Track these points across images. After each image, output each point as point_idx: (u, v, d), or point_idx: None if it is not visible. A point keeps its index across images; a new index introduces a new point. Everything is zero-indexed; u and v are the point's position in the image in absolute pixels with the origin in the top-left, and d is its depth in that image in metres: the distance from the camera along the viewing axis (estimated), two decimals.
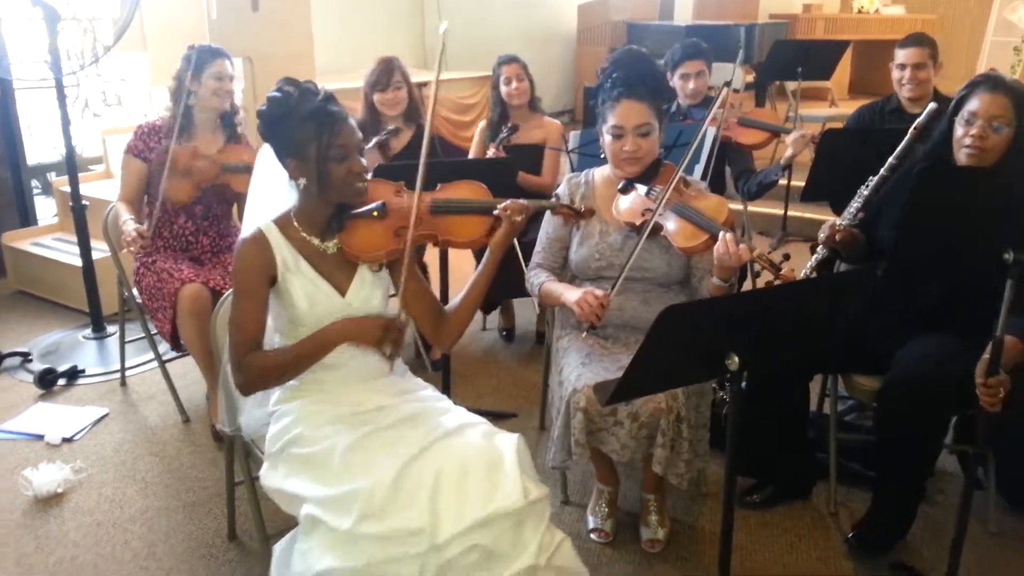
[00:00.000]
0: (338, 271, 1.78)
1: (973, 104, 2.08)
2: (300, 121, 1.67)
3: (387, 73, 3.22)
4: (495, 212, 1.83)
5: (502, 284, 2.03)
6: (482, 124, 3.66)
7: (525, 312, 3.81)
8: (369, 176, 1.81)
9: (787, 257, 1.86)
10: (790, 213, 4.90)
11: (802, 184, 3.08)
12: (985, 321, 1.79)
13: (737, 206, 3.72)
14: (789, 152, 3.00)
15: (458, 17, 6.70)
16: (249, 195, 1.92)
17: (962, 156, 2.09)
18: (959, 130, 2.10)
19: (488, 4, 6.94)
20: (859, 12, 8.03)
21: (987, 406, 1.78)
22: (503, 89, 3.50)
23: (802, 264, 2.38)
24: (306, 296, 1.74)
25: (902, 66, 3.21)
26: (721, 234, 1.93)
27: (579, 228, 2.26)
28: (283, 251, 1.74)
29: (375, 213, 1.79)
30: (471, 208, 1.87)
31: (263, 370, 1.72)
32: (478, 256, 3.12)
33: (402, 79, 3.25)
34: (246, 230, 1.79)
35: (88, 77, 4.74)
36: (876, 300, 2.17)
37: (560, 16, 7.61)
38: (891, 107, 3.33)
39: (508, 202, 1.82)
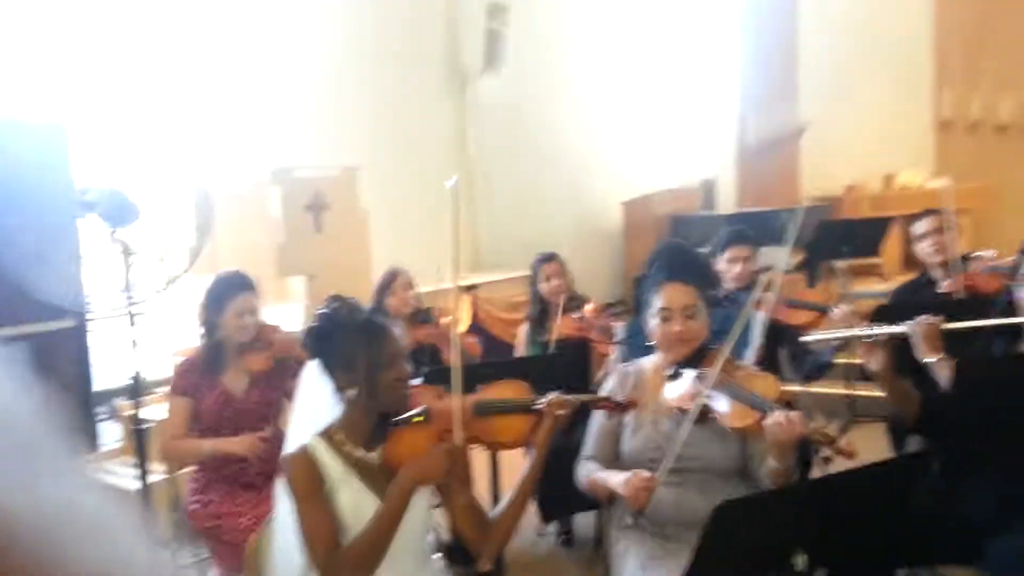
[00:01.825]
0: (384, 482, 1.77)
1: None
2: (350, 333, 1.75)
3: (391, 277, 3.42)
4: (538, 407, 1.82)
5: (561, 496, 1.98)
6: (524, 326, 3.72)
7: (585, 516, 3.65)
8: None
9: (844, 429, 1.79)
10: (857, 392, 4.72)
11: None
12: None
13: (796, 387, 3.62)
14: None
15: (508, 219, 7.04)
16: (293, 412, 1.95)
17: None
18: None
19: (536, 204, 7.29)
20: (902, 189, 8.15)
21: None
22: (543, 287, 3.59)
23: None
24: (353, 508, 1.73)
25: (923, 236, 3.29)
26: (774, 412, 1.87)
27: (628, 419, 2.22)
28: (329, 464, 1.75)
29: (419, 418, 1.80)
30: (513, 407, 1.87)
31: (355, 555, 1.68)
32: None
33: (408, 282, 3.42)
34: (290, 446, 1.82)
35: (160, 302, 5.04)
36: (961, 476, 2.03)
37: (606, 212, 7.91)
38: (924, 280, 3.39)
39: (550, 396, 1.82)
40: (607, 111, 7.91)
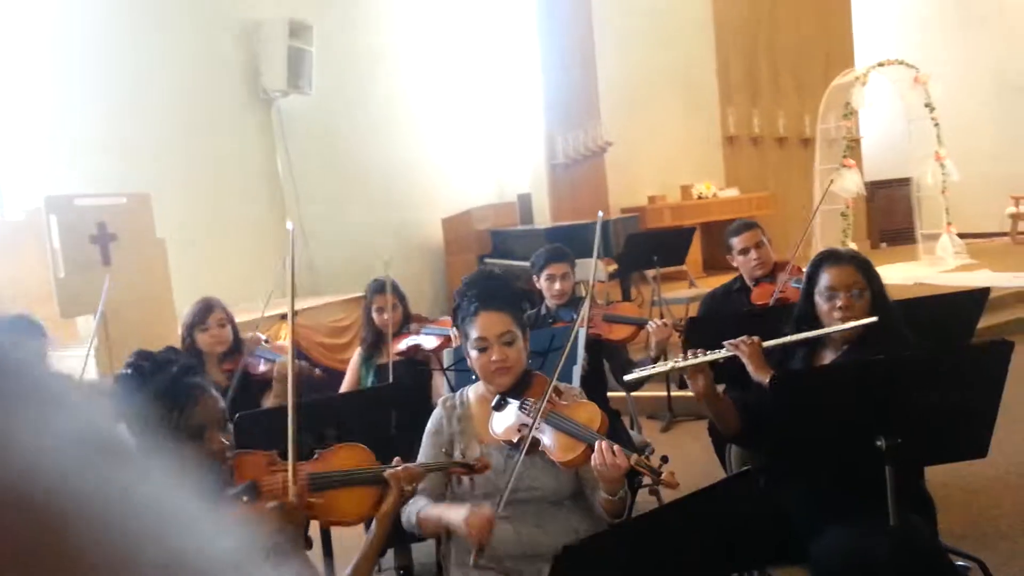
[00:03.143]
0: None
1: (826, 279, 2.21)
2: (149, 400, 1.52)
3: (205, 311, 3.15)
4: (385, 476, 1.69)
5: (397, 525, 1.87)
6: (358, 351, 3.61)
7: (425, 545, 3.54)
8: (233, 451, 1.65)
9: (665, 459, 1.84)
10: (674, 393, 4.97)
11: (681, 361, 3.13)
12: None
13: (620, 394, 3.74)
14: (654, 342, 3.10)
15: (325, 240, 6.80)
16: None
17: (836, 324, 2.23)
18: (823, 305, 2.22)
19: (354, 226, 7.11)
20: (699, 198, 8.76)
21: None
22: (375, 316, 3.48)
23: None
24: None
25: (745, 250, 3.47)
26: (596, 443, 1.87)
27: (457, 453, 2.15)
28: None
29: (243, 498, 1.59)
30: (356, 479, 1.72)
31: None
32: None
33: (224, 316, 3.18)
34: None
35: None
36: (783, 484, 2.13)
37: (426, 230, 7.87)
38: (737, 286, 3.59)
39: (398, 468, 1.70)
40: (422, 129, 7.88)
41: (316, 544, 2.64)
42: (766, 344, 2.37)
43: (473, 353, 2.13)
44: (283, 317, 5.38)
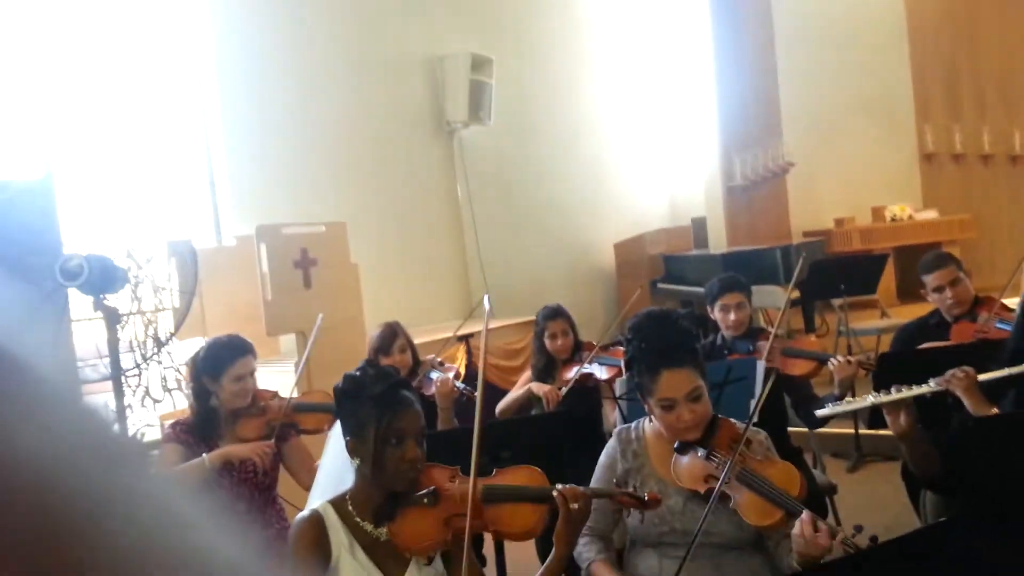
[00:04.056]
0: (391, 559, 1.72)
1: None
2: (366, 401, 1.73)
3: (390, 338, 3.32)
4: (552, 497, 1.76)
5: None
6: (527, 374, 3.68)
7: None
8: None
9: (875, 540, 1.67)
10: (862, 432, 4.65)
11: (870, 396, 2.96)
12: None
13: (802, 429, 3.57)
14: (838, 379, 2.96)
15: (500, 267, 7.01)
16: (318, 471, 1.98)
17: None
18: None
19: (528, 251, 7.28)
20: (892, 220, 8.18)
21: None
22: (548, 343, 3.55)
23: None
24: None
25: (939, 288, 3.21)
26: (800, 519, 1.76)
27: (635, 487, 2.10)
28: (339, 534, 1.71)
29: (425, 500, 1.74)
30: (525, 495, 1.80)
31: None
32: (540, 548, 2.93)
33: (405, 343, 3.34)
34: (307, 507, 1.83)
35: (149, 366, 4.95)
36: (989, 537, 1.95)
37: (598, 255, 7.91)
38: (934, 321, 3.32)
39: (565, 487, 1.75)
40: (595, 153, 7.95)
41: (490, 562, 2.72)
42: (981, 378, 2.18)
43: (657, 410, 2.03)
44: (460, 339, 5.60)
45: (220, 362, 2.72)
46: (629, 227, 7.93)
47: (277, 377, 3.76)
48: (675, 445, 2.05)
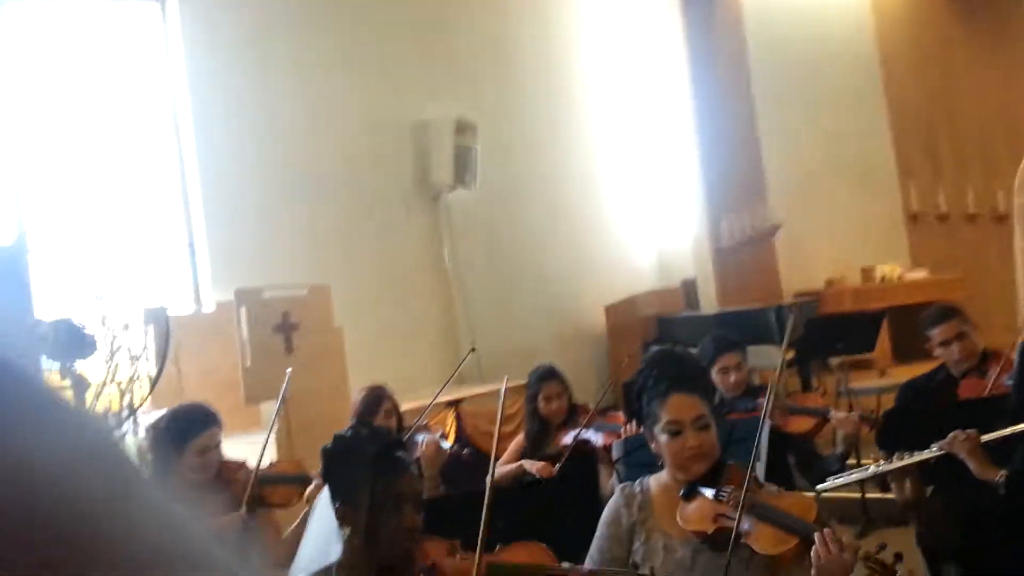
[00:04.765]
0: None
1: None
2: (360, 463, 1.59)
3: (375, 402, 3.17)
4: None
5: None
6: (520, 438, 3.52)
7: None
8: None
9: (899, 557, 1.57)
10: (869, 495, 4.47)
11: (871, 464, 2.84)
12: None
13: (808, 494, 3.41)
14: (841, 435, 2.86)
15: (488, 332, 6.88)
16: (302, 543, 1.80)
17: None
18: None
19: (517, 315, 7.17)
20: (883, 280, 8.15)
21: None
22: (541, 406, 3.40)
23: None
24: None
25: (946, 342, 3.12)
26: (818, 535, 1.66)
27: (638, 545, 1.99)
28: None
29: None
30: (527, 573, 1.66)
31: None
32: None
33: (391, 407, 3.19)
34: None
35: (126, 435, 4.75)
36: None
37: (589, 318, 7.80)
38: (941, 377, 3.21)
39: (571, 567, 1.61)
40: (583, 217, 7.93)
41: None
42: (985, 438, 2.05)
43: (663, 437, 1.98)
44: (449, 405, 5.43)
45: (184, 433, 2.56)
46: (619, 290, 7.85)
47: (256, 449, 3.58)
48: (681, 491, 1.97)
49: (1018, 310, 6.71)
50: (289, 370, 3.02)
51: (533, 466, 3.28)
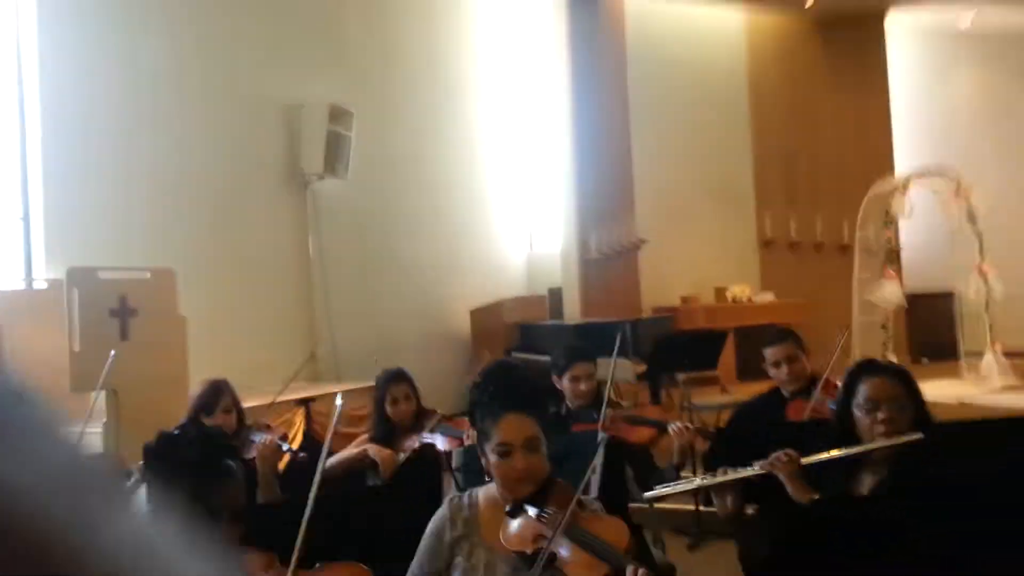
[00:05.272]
0: None
1: (865, 391, 2.07)
2: (180, 467, 1.50)
3: (214, 397, 3.03)
4: None
5: None
6: (364, 438, 3.44)
7: None
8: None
9: None
10: (702, 508, 4.67)
11: (697, 477, 2.96)
12: None
13: (644, 505, 3.52)
14: (676, 446, 2.95)
15: (349, 327, 6.73)
16: None
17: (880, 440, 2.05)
18: (864, 419, 2.08)
19: (381, 312, 7.06)
20: (733, 301, 8.60)
21: None
22: (388, 408, 3.34)
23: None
24: None
25: (777, 363, 3.30)
26: (628, 570, 1.70)
27: (460, 559, 1.99)
28: None
29: None
30: None
31: None
32: None
33: (231, 403, 3.07)
34: None
35: None
36: None
37: (454, 320, 7.79)
38: (773, 398, 3.42)
39: None
40: (455, 218, 7.91)
41: None
42: (805, 461, 2.17)
43: (493, 457, 1.99)
44: (298, 403, 5.26)
45: None
46: (487, 294, 7.88)
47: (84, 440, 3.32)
48: (507, 508, 1.98)
49: (850, 338, 7.23)
50: (112, 353, 2.83)
51: (377, 452, 3.19)
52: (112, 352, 2.81)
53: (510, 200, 8.62)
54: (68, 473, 0.32)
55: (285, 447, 2.97)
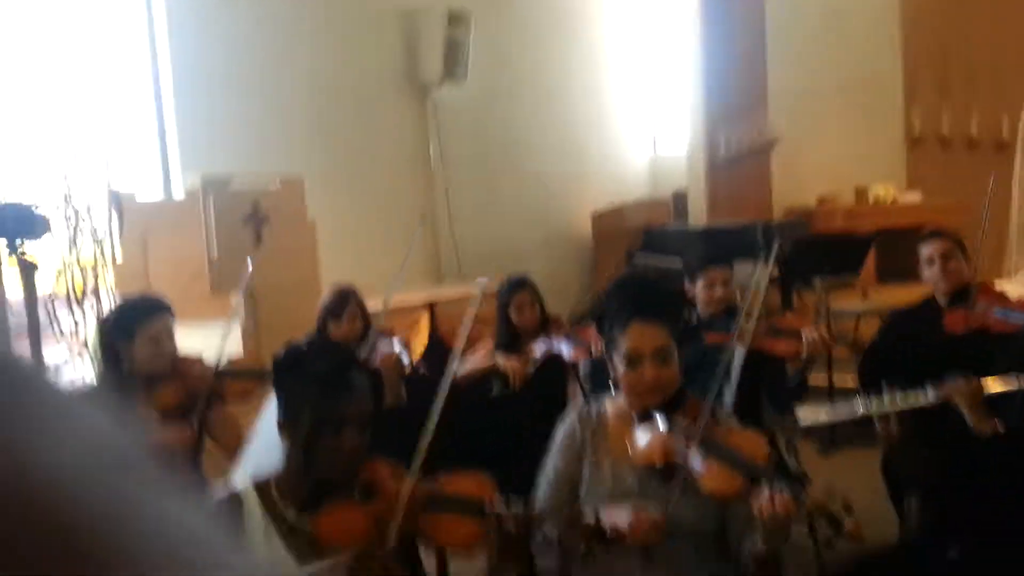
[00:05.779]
0: (309, 551, 1.51)
1: None
2: (307, 379, 1.53)
3: (341, 303, 3.09)
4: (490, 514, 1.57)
5: None
6: (488, 344, 3.44)
7: None
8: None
9: (848, 509, 1.52)
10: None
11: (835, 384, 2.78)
12: None
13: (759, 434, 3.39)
14: (806, 353, 2.77)
15: (472, 231, 6.76)
16: (253, 437, 1.85)
17: None
18: None
19: (502, 216, 7.03)
20: (875, 202, 8.02)
21: None
22: (513, 315, 3.32)
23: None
24: None
25: (931, 259, 3.02)
26: (764, 491, 1.61)
27: (586, 470, 1.94)
28: (255, 520, 1.51)
29: (356, 495, 1.58)
30: (465, 507, 1.60)
31: None
32: None
33: (357, 309, 3.11)
34: (234, 484, 1.64)
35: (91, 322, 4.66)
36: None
37: (575, 224, 7.68)
38: (929, 306, 3.13)
39: (504, 508, 1.55)
40: (576, 121, 7.69)
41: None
42: (990, 390, 1.95)
43: (620, 367, 1.92)
44: (424, 307, 5.35)
45: (133, 321, 2.47)
46: (609, 197, 7.70)
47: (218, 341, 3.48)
48: (635, 419, 1.92)
49: (1008, 244, 6.64)
50: (250, 259, 2.91)
51: (507, 362, 3.19)
52: (249, 259, 2.89)
53: (633, 101, 8.27)
54: (93, 454, 0.31)
55: (406, 360, 3.01)
